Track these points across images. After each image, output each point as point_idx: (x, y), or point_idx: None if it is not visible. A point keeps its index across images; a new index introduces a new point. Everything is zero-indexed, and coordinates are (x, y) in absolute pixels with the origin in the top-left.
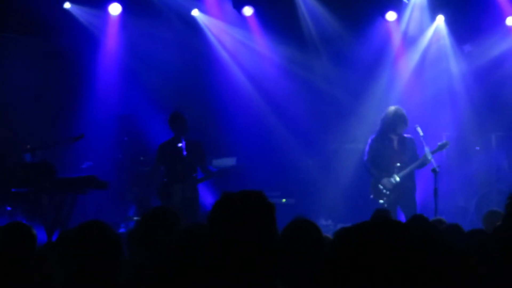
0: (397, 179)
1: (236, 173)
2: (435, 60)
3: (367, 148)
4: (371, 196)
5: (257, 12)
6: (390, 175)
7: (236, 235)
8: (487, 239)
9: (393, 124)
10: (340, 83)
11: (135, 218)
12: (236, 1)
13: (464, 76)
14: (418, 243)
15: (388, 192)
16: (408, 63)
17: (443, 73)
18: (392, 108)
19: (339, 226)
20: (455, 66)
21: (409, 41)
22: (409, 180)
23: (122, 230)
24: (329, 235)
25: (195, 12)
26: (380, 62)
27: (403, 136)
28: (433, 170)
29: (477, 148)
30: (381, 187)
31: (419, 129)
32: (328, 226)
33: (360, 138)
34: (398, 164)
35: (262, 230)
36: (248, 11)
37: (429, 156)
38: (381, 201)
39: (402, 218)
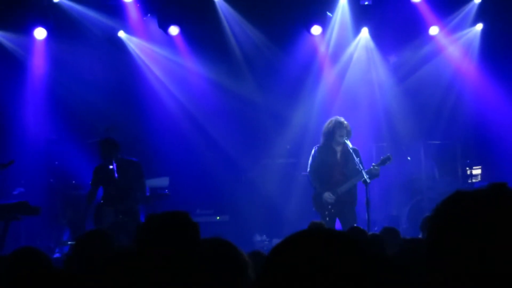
0: (338, 193)
1: (170, 193)
2: (361, 72)
3: (310, 159)
4: (313, 209)
5: (182, 31)
6: (332, 188)
7: (162, 255)
8: (421, 247)
9: (331, 133)
10: (268, 98)
11: (69, 242)
12: (161, 21)
13: (391, 86)
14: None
15: (329, 206)
16: (335, 76)
17: (370, 84)
18: (330, 118)
19: (275, 241)
20: (381, 77)
21: (335, 54)
22: (350, 193)
23: (57, 255)
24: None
25: (121, 34)
26: (307, 76)
27: (347, 148)
28: (364, 181)
29: (409, 158)
30: (322, 200)
31: (348, 142)
32: (263, 241)
33: (290, 152)
34: (340, 177)
35: (187, 249)
36: (174, 30)
37: (377, 171)
38: (327, 213)
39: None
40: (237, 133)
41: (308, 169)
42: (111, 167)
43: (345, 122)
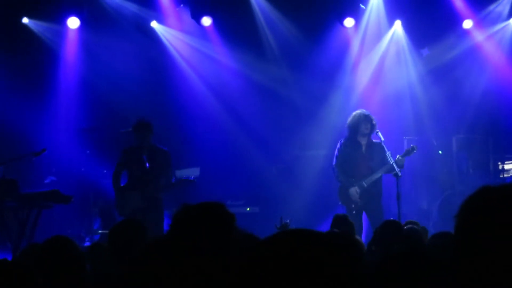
0: (364, 185)
1: (200, 183)
2: (393, 65)
3: (336, 152)
4: (339, 203)
5: (215, 22)
6: (358, 181)
7: (196, 246)
8: (450, 242)
9: (356, 126)
10: (300, 90)
11: (100, 231)
12: (194, 12)
13: (423, 80)
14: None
15: (355, 199)
16: (366, 69)
17: (402, 77)
18: (355, 111)
19: None
20: (413, 70)
21: (368, 46)
22: (376, 186)
23: (87, 243)
24: None
25: (153, 24)
26: (339, 68)
27: (372, 141)
28: (395, 174)
29: (440, 152)
30: (348, 194)
31: (379, 134)
32: None
33: (321, 144)
34: (366, 170)
35: (223, 240)
36: (206, 21)
37: (401, 162)
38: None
39: (368, 223)
40: (268, 125)
41: (334, 163)
42: (143, 155)
43: (370, 116)
